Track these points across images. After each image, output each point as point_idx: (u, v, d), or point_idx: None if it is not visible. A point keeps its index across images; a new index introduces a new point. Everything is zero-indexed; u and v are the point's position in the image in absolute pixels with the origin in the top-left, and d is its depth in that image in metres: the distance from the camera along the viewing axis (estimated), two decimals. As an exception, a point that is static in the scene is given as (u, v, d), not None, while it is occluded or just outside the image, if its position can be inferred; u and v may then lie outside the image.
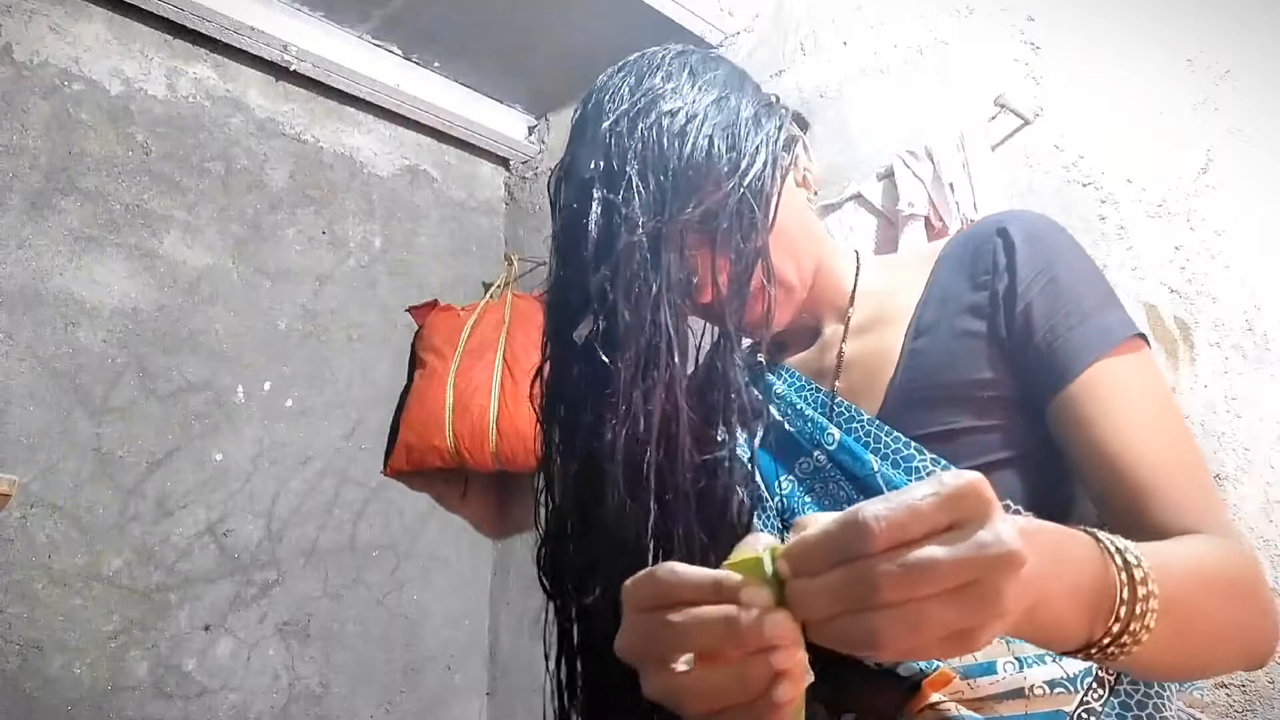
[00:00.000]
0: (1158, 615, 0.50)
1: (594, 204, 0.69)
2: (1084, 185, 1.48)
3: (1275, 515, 1.23)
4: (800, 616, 0.41)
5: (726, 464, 0.71)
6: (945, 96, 1.68)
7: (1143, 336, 0.72)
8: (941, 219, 1.54)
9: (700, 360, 0.76)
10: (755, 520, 0.78)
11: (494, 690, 2.30)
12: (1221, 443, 1.28)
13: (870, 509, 0.40)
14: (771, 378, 0.84)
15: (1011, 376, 0.73)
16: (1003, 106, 1.53)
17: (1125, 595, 0.49)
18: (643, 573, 0.45)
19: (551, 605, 0.73)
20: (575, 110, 0.76)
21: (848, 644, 0.40)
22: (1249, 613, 0.61)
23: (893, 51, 1.79)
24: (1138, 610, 0.49)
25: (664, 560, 0.65)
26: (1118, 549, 0.50)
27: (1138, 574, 0.49)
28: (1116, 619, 0.48)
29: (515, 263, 2.45)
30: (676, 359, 0.67)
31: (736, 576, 0.42)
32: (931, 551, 0.39)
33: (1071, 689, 0.66)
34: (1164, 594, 0.50)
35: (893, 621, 0.39)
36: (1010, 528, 0.39)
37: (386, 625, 2.14)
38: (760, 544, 0.44)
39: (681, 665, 0.44)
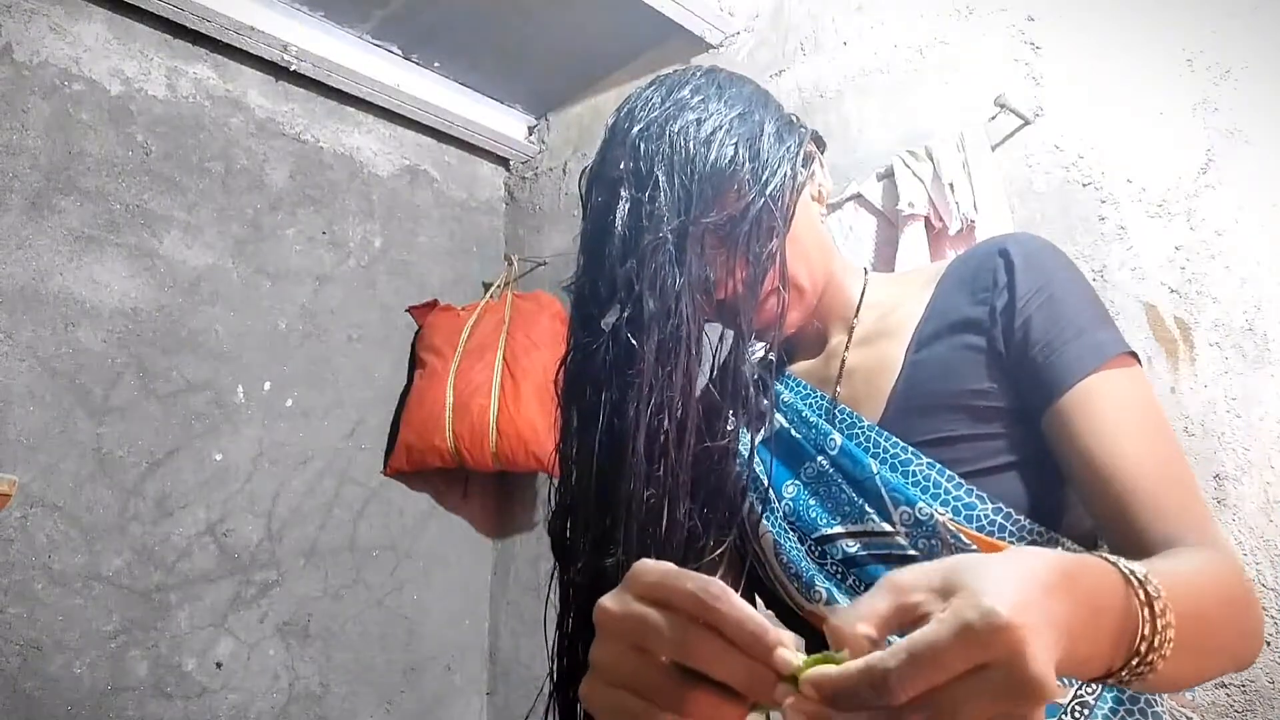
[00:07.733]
0: (1173, 641, 0.51)
1: (622, 202, 0.74)
2: (1084, 185, 1.48)
3: (1275, 515, 1.23)
4: None
5: (734, 452, 0.76)
6: (945, 96, 1.68)
7: (1134, 355, 0.74)
8: (941, 219, 1.54)
9: (719, 359, 0.80)
10: (764, 523, 0.82)
11: (494, 690, 2.30)
12: (1221, 443, 1.28)
13: (892, 663, 0.38)
14: (779, 386, 0.88)
15: (1008, 387, 0.76)
16: (1003, 106, 1.53)
17: (1146, 631, 0.49)
18: (693, 575, 0.44)
19: (558, 567, 0.78)
20: (609, 119, 0.82)
21: None
22: (1244, 621, 0.63)
23: (893, 51, 1.79)
24: (1156, 641, 0.50)
25: (672, 525, 0.71)
26: (1139, 580, 0.51)
27: (1158, 605, 0.50)
28: (1138, 650, 0.49)
29: (515, 263, 2.45)
30: (694, 348, 0.72)
31: (784, 637, 0.43)
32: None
33: (1066, 682, 0.68)
34: (1177, 619, 0.51)
35: None
36: (1039, 654, 0.37)
37: (386, 625, 2.14)
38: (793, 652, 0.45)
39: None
